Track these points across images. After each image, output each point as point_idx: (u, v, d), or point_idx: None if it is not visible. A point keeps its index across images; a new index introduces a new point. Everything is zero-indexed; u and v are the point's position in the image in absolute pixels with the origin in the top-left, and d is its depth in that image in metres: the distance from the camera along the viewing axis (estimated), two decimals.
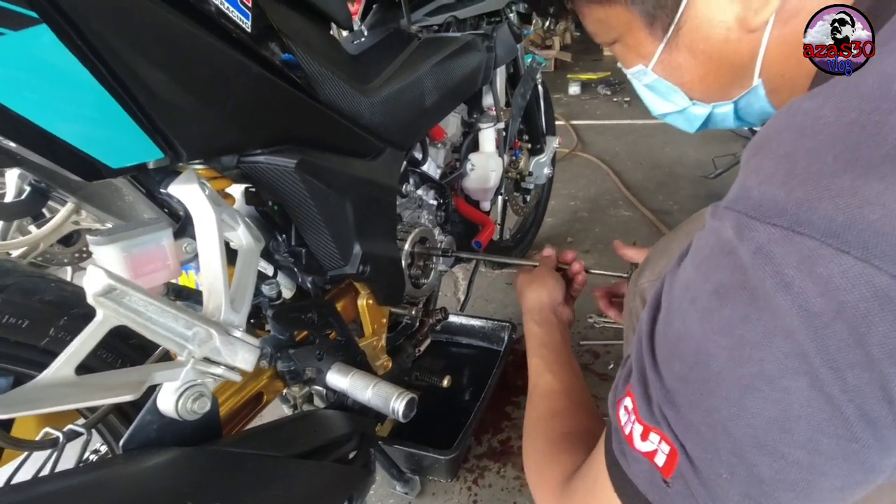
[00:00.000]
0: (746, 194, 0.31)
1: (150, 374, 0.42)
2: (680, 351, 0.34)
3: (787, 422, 0.29)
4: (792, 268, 0.27)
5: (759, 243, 0.29)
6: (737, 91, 0.44)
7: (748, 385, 0.30)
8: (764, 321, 0.29)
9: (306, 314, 0.66)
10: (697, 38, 0.41)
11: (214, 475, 0.43)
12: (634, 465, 0.37)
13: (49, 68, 0.36)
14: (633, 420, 0.37)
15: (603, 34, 0.48)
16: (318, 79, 0.64)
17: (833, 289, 0.26)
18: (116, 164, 0.45)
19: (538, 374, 0.71)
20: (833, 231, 0.26)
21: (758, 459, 0.31)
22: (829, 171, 0.27)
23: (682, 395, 0.34)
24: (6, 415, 0.32)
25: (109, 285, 0.38)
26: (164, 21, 0.42)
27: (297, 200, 0.64)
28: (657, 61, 0.45)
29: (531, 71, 1.33)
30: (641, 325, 0.39)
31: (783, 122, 0.31)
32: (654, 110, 0.52)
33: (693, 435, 0.33)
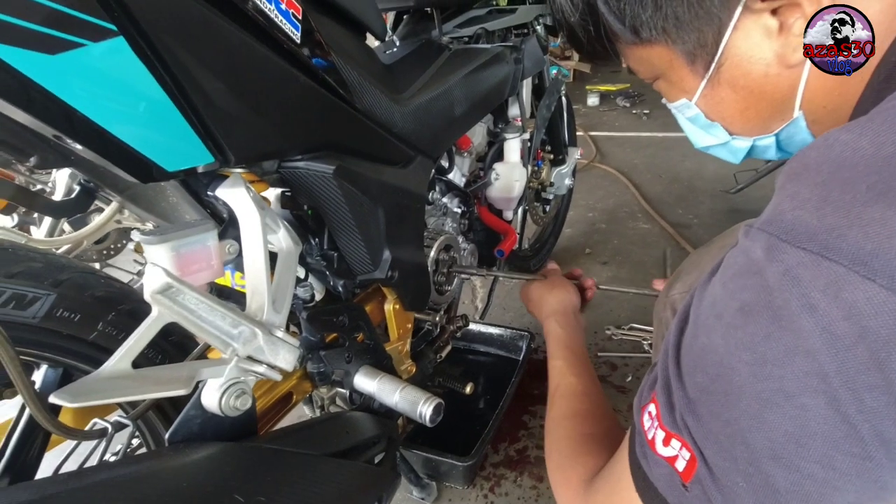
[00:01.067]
0: (780, 217, 0.32)
1: (198, 370, 0.44)
2: (704, 363, 0.35)
3: (804, 437, 0.30)
4: (818, 291, 0.29)
5: (788, 266, 0.30)
6: (777, 124, 0.45)
7: (768, 400, 0.31)
8: (786, 340, 0.30)
9: (338, 317, 0.68)
10: (738, 75, 0.42)
11: (256, 470, 0.45)
12: (656, 468, 0.38)
13: (120, 76, 0.38)
14: (657, 426, 0.39)
15: (645, 72, 0.49)
16: (357, 87, 0.66)
17: (857, 314, 0.27)
18: (171, 168, 0.47)
19: (561, 375, 0.73)
20: (861, 259, 0.27)
21: (774, 471, 0.32)
22: (862, 201, 0.29)
23: (703, 405, 0.35)
24: (75, 404, 0.33)
25: (167, 283, 0.40)
26: (224, 32, 0.44)
27: (333, 205, 0.66)
28: (700, 96, 0.46)
29: (556, 83, 1.34)
30: (669, 336, 0.40)
31: (822, 152, 0.33)
32: (697, 143, 0.53)
33: (712, 443, 0.34)
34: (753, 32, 0.39)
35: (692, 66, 0.44)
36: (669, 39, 0.43)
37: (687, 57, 0.43)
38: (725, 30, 0.40)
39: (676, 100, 0.49)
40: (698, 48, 0.42)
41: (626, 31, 0.44)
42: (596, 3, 0.43)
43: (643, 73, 0.49)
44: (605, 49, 0.48)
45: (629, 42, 0.45)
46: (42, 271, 0.49)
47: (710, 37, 0.41)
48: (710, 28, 0.40)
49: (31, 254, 0.50)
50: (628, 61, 0.49)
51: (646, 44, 0.44)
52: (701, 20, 0.40)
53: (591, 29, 0.45)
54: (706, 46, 0.42)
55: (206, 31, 0.43)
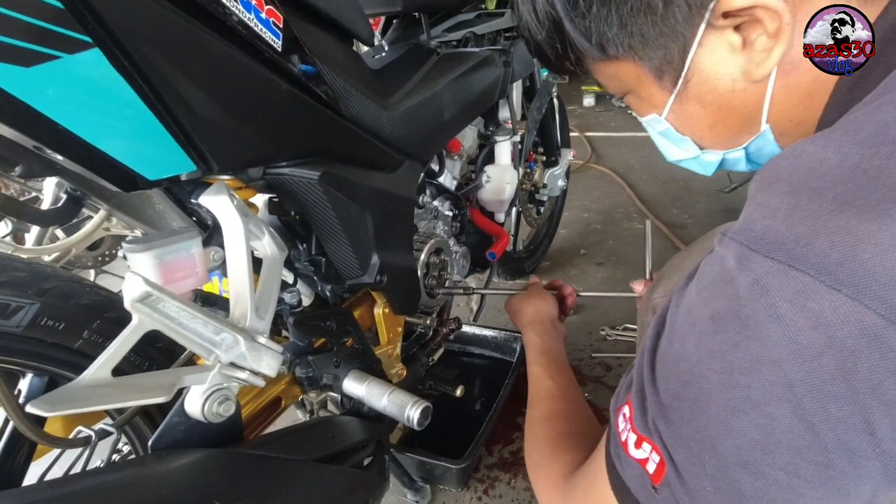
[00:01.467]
0: (750, 227, 0.32)
1: (180, 377, 0.44)
2: (676, 370, 0.36)
3: (770, 445, 0.31)
4: (786, 301, 0.29)
5: (757, 275, 0.30)
6: (746, 137, 0.45)
7: (735, 407, 0.32)
8: (753, 349, 0.31)
9: (325, 322, 0.68)
10: (705, 90, 0.43)
11: (240, 476, 0.45)
12: (628, 469, 0.39)
13: (98, 87, 0.39)
14: (629, 428, 0.39)
15: (614, 87, 0.49)
16: (342, 94, 0.66)
17: (823, 324, 0.28)
18: (153, 176, 0.47)
19: (538, 379, 0.75)
20: (827, 268, 0.28)
21: (740, 476, 0.33)
22: (828, 209, 0.29)
23: (674, 411, 0.36)
24: (50, 413, 0.34)
25: (147, 292, 0.40)
26: (202, 41, 0.45)
27: (320, 211, 0.66)
28: (669, 111, 0.46)
29: (547, 85, 1.35)
30: (646, 340, 0.41)
31: (791, 162, 0.33)
32: (669, 156, 0.54)
33: (682, 448, 0.35)
34: (718, 48, 0.40)
35: (660, 81, 0.44)
36: (636, 56, 0.43)
37: (654, 73, 0.44)
38: (690, 46, 0.40)
39: (647, 114, 0.49)
40: (665, 64, 0.42)
41: (593, 49, 0.44)
42: (562, 21, 0.43)
43: (612, 88, 0.50)
44: (573, 65, 0.48)
45: (596, 59, 0.45)
46: (26, 280, 0.49)
47: (676, 53, 0.41)
48: (676, 45, 0.41)
49: (14, 263, 0.50)
50: (597, 77, 0.49)
51: (613, 60, 0.45)
52: (666, 37, 0.41)
53: (557, 46, 0.46)
54: (672, 63, 0.42)
55: (184, 41, 0.43)
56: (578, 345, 1.46)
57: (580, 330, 1.52)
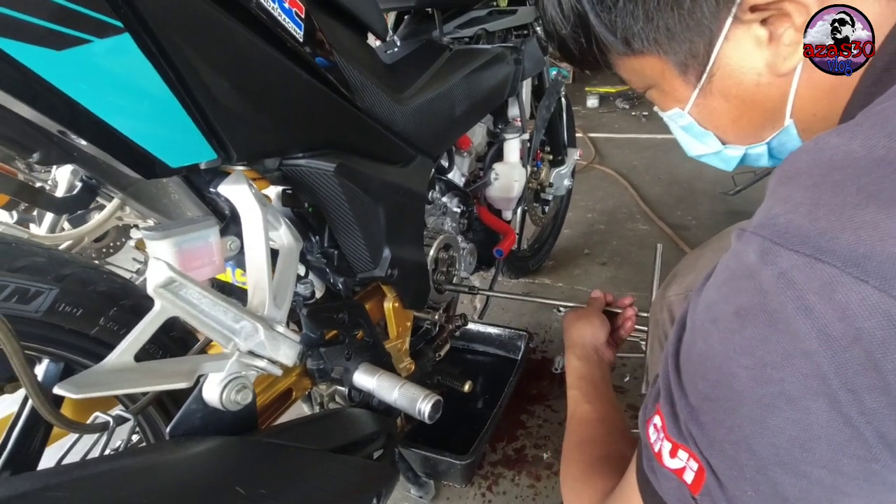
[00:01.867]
0: (773, 221, 0.32)
1: (200, 364, 0.44)
2: (703, 370, 0.35)
3: (809, 441, 0.30)
4: (813, 293, 0.29)
5: (783, 269, 0.30)
6: (769, 132, 0.45)
7: (769, 404, 0.31)
8: (784, 343, 0.30)
9: (338, 314, 0.68)
10: (730, 84, 0.42)
11: (258, 463, 0.45)
12: (664, 481, 0.38)
13: (126, 72, 0.39)
14: (662, 437, 0.38)
15: (637, 82, 0.49)
16: (359, 87, 0.66)
17: (851, 315, 0.27)
18: (174, 164, 0.47)
19: (575, 403, 0.72)
20: (853, 261, 0.28)
21: (781, 478, 0.31)
22: (853, 203, 0.29)
23: (706, 412, 0.35)
24: (79, 395, 0.34)
25: (170, 277, 0.40)
26: (229, 31, 0.45)
27: (334, 203, 0.66)
28: (692, 105, 0.46)
29: (556, 84, 1.35)
30: (668, 344, 0.40)
31: (813, 155, 0.33)
32: (690, 151, 0.53)
33: (718, 452, 0.34)
34: (744, 42, 0.40)
35: (684, 76, 0.44)
36: (661, 50, 0.43)
37: (679, 67, 0.44)
38: (716, 40, 0.40)
39: (669, 109, 0.49)
40: (690, 58, 0.42)
41: (618, 43, 0.44)
42: (587, 16, 0.43)
43: (635, 83, 0.49)
44: (597, 60, 0.48)
45: (621, 53, 0.45)
46: (45, 266, 0.49)
47: (702, 47, 0.41)
48: (702, 39, 0.41)
49: (34, 248, 0.50)
50: (620, 72, 0.49)
51: (637, 55, 0.44)
52: (692, 31, 0.40)
53: (582, 41, 0.46)
54: (698, 57, 0.42)
55: (210, 28, 0.43)
56: None
57: None
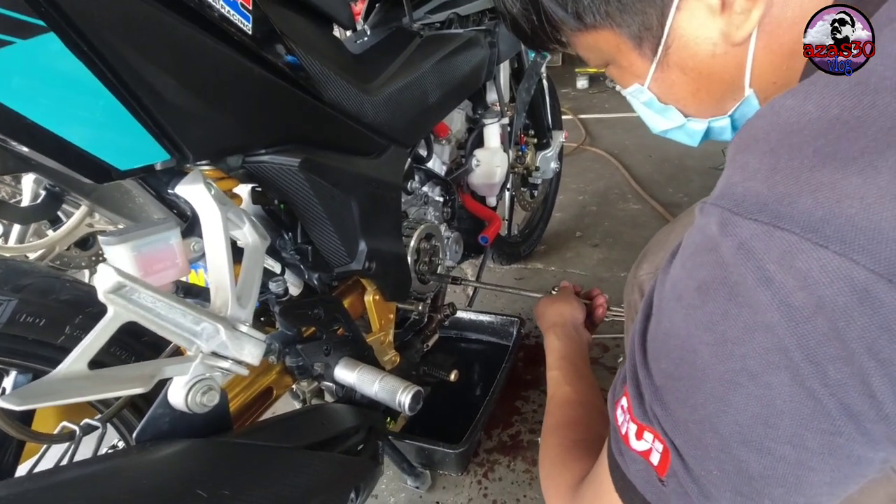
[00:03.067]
0: (731, 190, 0.31)
1: (160, 368, 0.44)
2: (667, 348, 0.35)
3: (772, 417, 0.29)
4: (773, 263, 0.28)
5: (742, 239, 0.29)
6: (731, 104, 0.44)
7: (731, 381, 0.30)
8: (744, 316, 0.29)
9: (313, 310, 0.68)
10: (686, 56, 0.42)
11: (224, 465, 0.45)
12: (632, 464, 0.37)
13: (58, 74, 0.38)
14: (629, 419, 0.37)
15: (594, 59, 0.48)
16: (321, 79, 0.65)
17: (812, 283, 0.27)
18: (124, 166, 0.46)
19: (556, 385, 0.72)
20: (812, 226, 0.27)
21: (745, 455, 0.31)
22: (810, 166, 0.28)
23: (669, 392, 0.34)
24: (22, 406, 0.33)
25: (119, 282, 0.39)
26: (167, 26, 0.44)
27: (302, 199, 0.65)
28: (651, 80, 0.45)
29: (535, 66, 1.33)
30: (635, 323, 0.40)
31: (769, 120, 0.32)
32: (654, 127, 0.53)
33: (682, 432, 0.33)
34: (697, 12, 0.39)
35: (640, 49, 0.43)
36: (614, 23, 0.42)
37: (633, 40, 0.43)
38: (668, 11, 0.39)
39: (629, 85, 0.48)
40: (644, 31, 0.41)
41: (570, 18, 0.43)
42: None
43: (592, 60, 0.48)
44: (550, 38, 0.47)
45: (574, 29, 0.44)
46: (2, 277, 0.49)
47: (655, 19, 0.40)
48: (654, 10, 0.40)
49: None
50: (576, 49, 0.48)
51: (591, 29, 0.43)
52: (644, 2, 0.40)
53: (533, 18, 0.44)
54: (651, 29, 0.41)
55: (146, 24, 0.42)
56: None
57: None
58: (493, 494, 1.04)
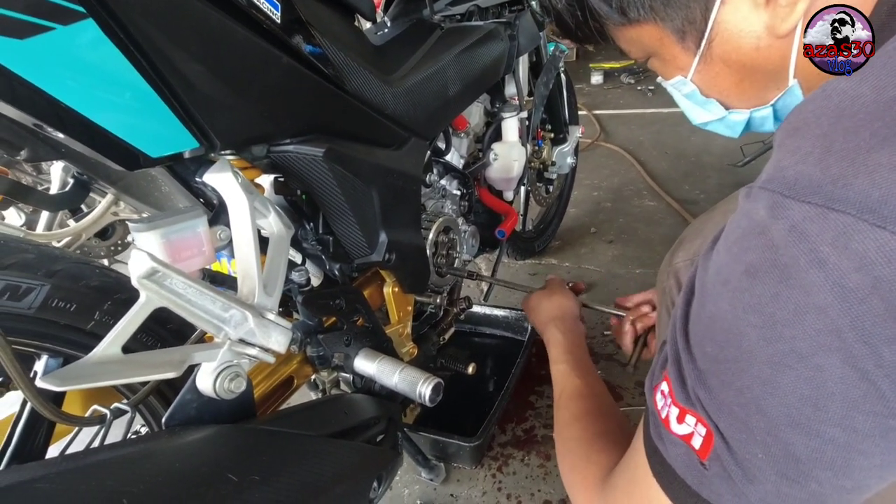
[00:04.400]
0: (781, 174, 0.31)
1: (190, 354, 0.44)
2: (712, 332, 0.34)
3: (821, 399, 0.29)
4: (827, 244, 0.27)
5: (794, 221, 0.29)
6: (773, 94, 0.44)
7: (780, 363, 0.30)
8: (795, 298, 0.29)
9: (334, 300, 0.68)
10: (730, 49, 0.42)
11: (252, 451, 0.45)
12: (672, 448, 0.37)
13: (94, 61, 0.38)
14: (670, 403, 0.37)
15: (637, 52, 0.48)
16: (345, 69, 0.65)
17: (869, 264, 0.26)
18: (155, 154, 0.47)
19: (565, 378, 0.72)
20: (869, 206, 0.26)
21: (793, 438, 0.31)
22: (867, 147, 0.27)
23: (714, 375, 0.34)
24: (62, 388, 0.34)
25: (153, 268, 0.40)
26: (200, 14, 0.44)
27: (325, 189, 0.66)
28: (694, 72, 0.45)
29: (554, 59, 1.32)
30: (676, 309, 0.40)
31: (820, 104, 0.31)
32: (695, 119, 0.53)
33: (726, 415, 0.33)
34: (741, 5, 0.39)
35: (683, 43, 0.43)
36: (657, 17, 0.42)
37: (677, 34, 0.43)
38: (713, 5, 0.39)
39: (672, 77, 0.48)
40: (687, 25, 0.41)
41: (614, 13, 0.43)
42: None
43: (634, 53, 0.49)
44: (594, 32, 0.47)
45: (617, 23, 0.44)
46: (35, 262, 0.49)
47: (699, 12, 0.40)
48: (698, 3, 0.40)
49: (22, 245, 0.50)
50: (619, 42, 0.48)
51: (634, 24, 0.44)
52: None
53: (578, 13, 0.45)
54: (695, 23, 0.41)
55: (180, 12, 0.42)
56: (590, 322, 1.45)
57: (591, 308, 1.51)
58: (508, 488, 1.04)
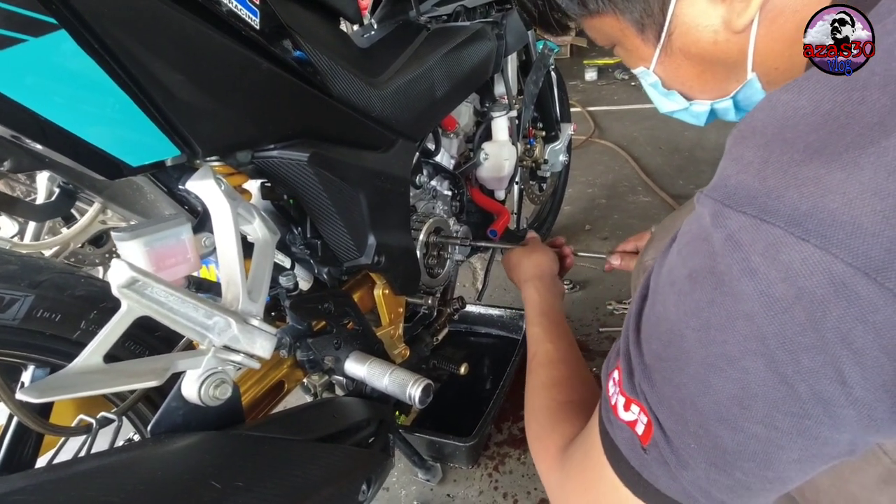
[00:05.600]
0: (724, 182, 0.32)
1: (173, 362, 0.45)
2: (658, 331, 0.37)
3: (746, 399, 0.32)
4: (758, 255, 0.29)
5: (730, 230, 0.31)
6: (734, 86, 0.45)
7: (712, 364, 0.32)
8: (728, 305, 0.31)
9: (323, 304, 0.68)
10: (688, 42, 0.42)
11: (237, 457, 0.45)
12: (619, 432, 0.40)
13: (69, 72, 0.38)
14: (618, 391, 0.40)
15: (601, 40, 0.49)
16: (329, 73, 0.65)
17: (793, 275, 0.28)
18: (136, 163, 0.47)
19: (537, 342, 0.74)
20: (796, 220, 0.28)
21: (721, 432, 0.33)
22: (799, 160, 0.29)
23: (657, 371, 0.37)
24: (41, 399, 0.34)
25: (132, 277, 0.40)
26: (175, 22, 0.44)
27: (311, 193, 0.66)
28: (656, 64, 0.46)
29: (543, 57, 1.32)
30: (632, 305, 0.42)
31: (767, 113, 0.33)
32: (661, 108, 0.54)
33: (665, 408, 0.36)
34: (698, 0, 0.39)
35: (643, 35, 0.44)
36: (616, 10, 0.43)
37: (636, 26, 0.43)
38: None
39: (636, 67, 0.49)
40: (646, 17, 0.42)
41: (574, 5, 0.44)
42: None
43: (600, 41, 0.49)
44: (557, 22, 0.47)
45: (578, 15, 0.45)
46: (18, 273, 0.49)
47: (656, 6, 0.41)
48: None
49: (5, 256, 0.50)
50: (586, 30, 0.49)
51: (594, 15, 0.44)
52: None
53: (539, 2, 0.46)
54: (653, 16, 0.41)
55: (155, 21, 0.42)
56: (585, 320, 1.45)
57: (587, 305, 1.51)
58: (504, 487, 1.05)
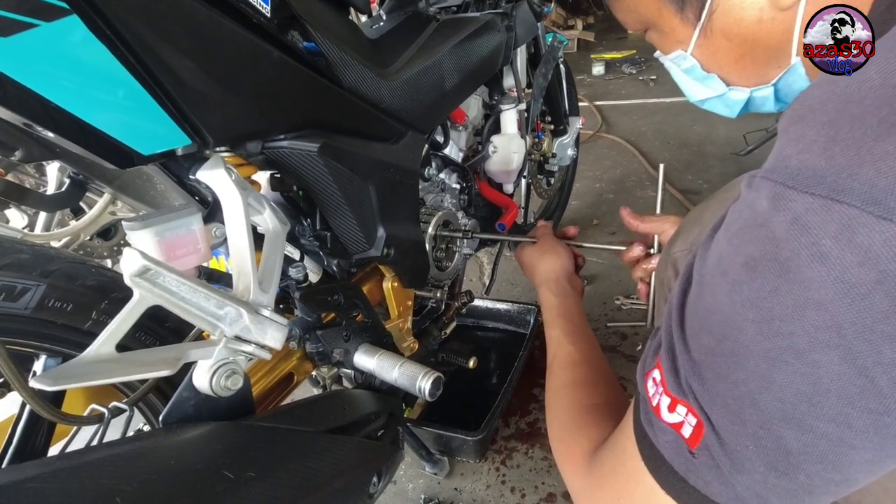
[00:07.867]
0: (784, 164, 0.30)
1: (185, 352, 0.44)
2: (709, 324, 0.34)
3: (816, 395, 0.29)
4: (829, 238, 0.26)
5: (796, 214, 0.28)
6: (775, 72, 0.43)
7: (776, 358, 0.30)
8: (794, 294, 0.28)
9: (332, 296, 0.68)
10: (730, 21, 0.40)
11: (248, 447, 0.45)
12: (661, 435, 0.37)
13: (81, 58, 0.38)
14: (661, 392, 0.37)
15: (634, 23, 0.47)
16: (339, 64, 0.64)
17: (873, 258, 0.25)
18: (147, 151, 0.46)
19: (558, 344, 0.71)
20: (874, 197, 0.25)
21: (785, 432, 0.31)
22: (873, 136, 0.26)
23: (709, 367, 0.34)
24: (54, 387, 0.34)
25: (145, 266, 0.40)
26: (187, 10, 0.43)
27: (321, 184, 0.65)
28: (694, 46, 0.44)
29: (552, 50, 1.31)
30: (672, 297, 0.39)
31: (826, 90, 0.30)
32: (692, 96, 0.51)
33: (719, 407, 0.33)
34: None
35: (682, 14, 0.42)
36: None
37: (676, 4, 0.42)
38: None
39: (671, 51, 0.47)
40: None
41: None
42: None
43: (632, 24, 0.47)
44: (591, 1, 0.46)
45: None
46: (30, 263, 0.49)
47: None
48: None
49: (17, 245, 0.50)
50: (616, 13, 0.47)
51: None
52: None
53: None
54: None
55: (167, 8, 0.42)
56: (593, 315, 1.44)
57: (595, 300, 1.50)
58: (512, 481, 1.05)
